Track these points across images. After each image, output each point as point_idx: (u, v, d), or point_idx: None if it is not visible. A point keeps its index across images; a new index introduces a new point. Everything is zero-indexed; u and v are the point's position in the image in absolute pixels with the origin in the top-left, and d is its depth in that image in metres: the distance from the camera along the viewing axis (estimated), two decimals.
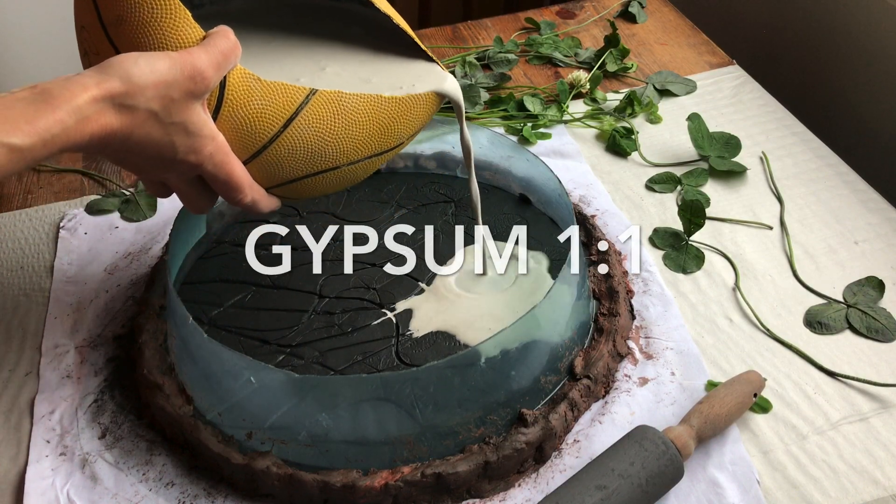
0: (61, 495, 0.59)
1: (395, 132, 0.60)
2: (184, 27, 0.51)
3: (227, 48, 0.51)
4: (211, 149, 0.52)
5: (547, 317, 0.61)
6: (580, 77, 0.95)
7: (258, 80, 0.53)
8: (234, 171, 0.54)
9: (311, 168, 0.58)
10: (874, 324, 0.69)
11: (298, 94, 0.54)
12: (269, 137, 0.54)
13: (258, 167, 0.56)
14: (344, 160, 0.58)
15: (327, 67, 0.61)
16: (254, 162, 0.56)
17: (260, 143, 0.55)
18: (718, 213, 0.80)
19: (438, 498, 0.58)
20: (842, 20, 1.04)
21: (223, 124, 0.53)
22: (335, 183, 0.60)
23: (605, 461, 0.56)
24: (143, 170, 0.54)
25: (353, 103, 0.56)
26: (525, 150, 0.76)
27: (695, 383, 0.65)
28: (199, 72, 0.49)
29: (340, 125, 0.56)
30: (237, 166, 0.54)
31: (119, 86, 0.47)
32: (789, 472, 0.59)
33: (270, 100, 0.54)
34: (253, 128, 0.54)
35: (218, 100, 0.52)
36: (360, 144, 0.58)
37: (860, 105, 1.04)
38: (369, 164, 0.61)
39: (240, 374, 0.59)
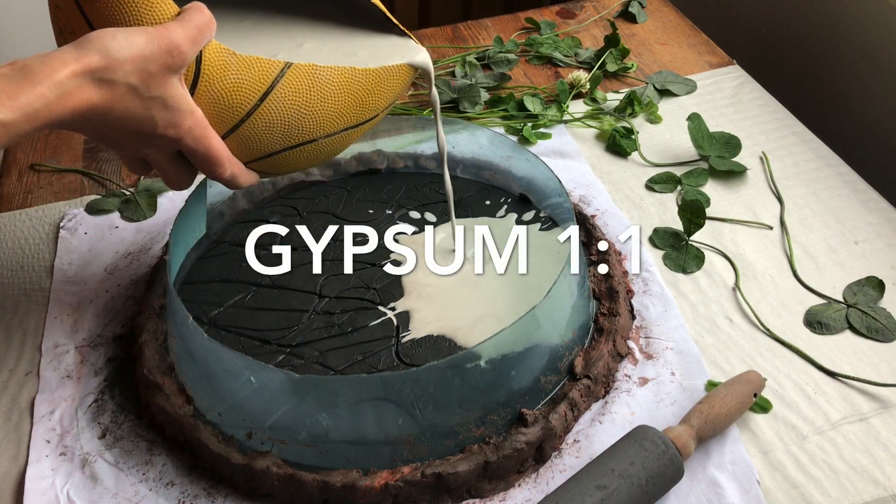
0: (61, 495, 0.59)
1: (370, 104, 0.61)
2: (158, 3, 0.51)
3: (203, 23, 0.52)
4: (190, 123, 0.53)
5: (547, 317, 0.61)
6: (580, 77, 0.95)
7: (234, 55, 0.54)
8: (213, 146, 0.55)
9: (289, 141, 0.58)
10: (874, 324, 0.69)
11: (274, 67, 0.55)
12: (246, 111, 0.55)
13: (236, 141, 0.57)
14: (320, 133, 0.59)
15: (305, 44, 0.62)
16: (231, 136, 0.56)
17: (237, 116, 0.55)
18: (718, 213, 0.80)
19: (438, 498, 0.58)
20: (842, 20, 1.04)
21: (200, 99, 0.54)
22: (313, 157, 0.61)
23: (605, 461, 0.56)
24: (124, 145, 0.54)
25: (328, 76, 0.57)
26: (525, 150, 0.76)
27: (695, 383, 0.65)
28: (176, 46, 0.50)
29: (316, 98, 0.57)
30: (216, 140, 0.55)
31: (98, 60, 0.47)
32: (789, 472, 0.59)
33: (246, 74, 0.54)
34: (230, 102, 0.55)
35: (195, 74, 0.53)
36: (335, 117, 0.59)
37: (860, 105, 1.04)
38: (345, 137, 0.62)
39: (240, 374, 0.59)
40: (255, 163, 0.60)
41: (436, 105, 0.70)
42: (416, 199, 0.80)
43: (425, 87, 0.98)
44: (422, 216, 0.78)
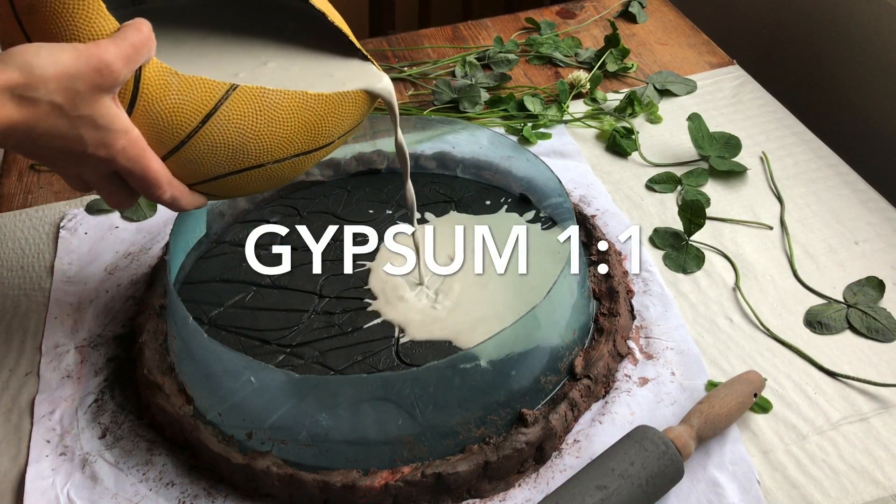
0: (61, 495, 0.59)
1: (324, 131, 0.58)
2: (97, 18, 0.50)
3: (139, 41, 0.50)
4: (123, 143, 0.51)
5: (547, 317, 0.61)
6: (580, 77, 0.95)
7: (175, 75, 0.52)
8: (150, 167, 0.53)
9: (234, 165, 0.56)
10: (874, 324, 0.69)
11: (218, 89, 0.53)
12: (188, 133, 0.54)
13: (178, 163, 0.55)
14: (268, 158, 0.57)
15: (269, 62, 0.60)
16: (173, 158, 0.54)
17: (178, 138, 0.54)
18: (718, 213, 0.80)
19: (438, 498, 0.58)
20: (842, 20, 1.04)
21: (139, 119, 0.52)
22: (262, 182, 0.59)
23: (605, 461, 0.56)
24: (55, 163, 0.53)
25: (277, 100, 0.55)
26: (525, 150, 0.76)
27: (695, 383, 0.65)
28: (107, 64, 0.48)
29: (263, 122, 0.55)
30: (154, 162, 0.53)
31: (18, 77, 0.46)
32: (789, 472, 0.59)
33: (188, 94, 0.52)
34: (170, 123, 0.53)
35: (132, 93, 0.51)
36: (284, 142, 0.57)
37: (861, 105, 1.04)
38: (297, 163, 0.59)
39: (240, 374, 0.59)
40: (202, 185, 0.57)
41: (401, 152, 0.66)
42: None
43: (425, 87, 0.98)
44: (422, 216, 0.78)
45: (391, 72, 1.01)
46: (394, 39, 1.08)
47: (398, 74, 1.00)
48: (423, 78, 1.00)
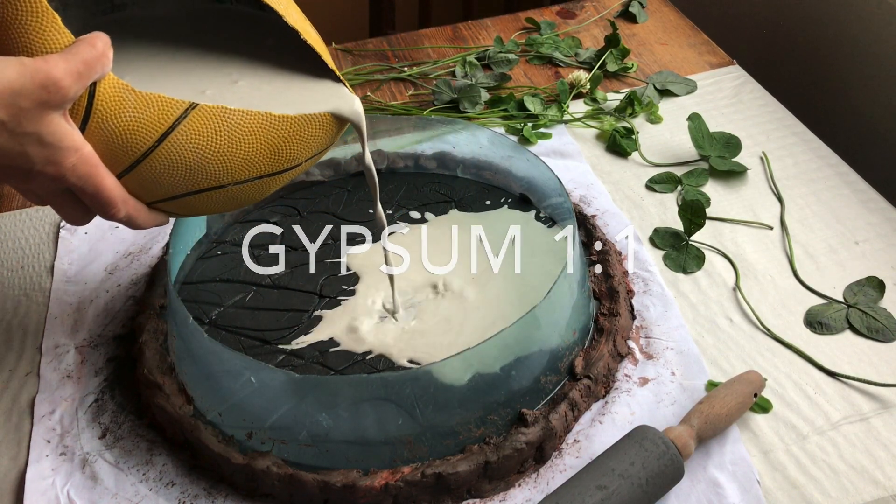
0: (61, 495, 0.59)
1: (288, 153, 0.56)
2: (51, 32, 0.48)
3: (91, 57, 0.48)
4: (73, 160, 0.49)
5: (547, 317, 0.61)
6: (580, 77, 0.95)
7: (132, 91, 0.50)
8: (102, 185, 0.51)
9: (193, 186, 0.54)
10: (874, 324, 0.69)
11: (176, 107, 0.51)
12: (143, 151, 0.52)
13: (134, 181, 0.53)
14: (229, 179, 0.55)
15: (239, 81, 0.58)
16: (128, 176, 0.53)
17: (133, 156, 0.52)
18: (719, 213, 0.80)
19: (439, 498, 0.58)
20: (842, 20, 1.04)
21: (92, 136, 0.50)
22: (225, 202, 0.57)
23: (605, 461, 0.56)
24: (4, 179, 0.52)
25: (238, 121, 0.53)
26: (525, 150, 0.76)
27: (695, 383, 0.65)
28: (54, 81, 0.46)
29: (223, 143, 0.53)
30: (107, 180, 0.52)
31: None
32: (789, 472, 0.59)
33: (144, 112, 0.51)
34: (125, 140, 0.51)
35: (86, 109, 0.50)
36: (246, 164, 0.54)
37: (861, 105, 1.04)
38: (261, 185, 0.57)
39: (240, 374, 0.59)
40: (162, 203, 0.56)
41: (370, 175, 0.64)
42: (416, 199, 0.80)
43: (425, 87, 0.98)
44: (422, 216, 0.78)
45: (391, 72, 1.01)
46: (394, 39, 1.08)
47: (398, 74, 1.00)
48: (424, 78, 1.00)
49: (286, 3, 0.58)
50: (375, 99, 0.96)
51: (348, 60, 1.04)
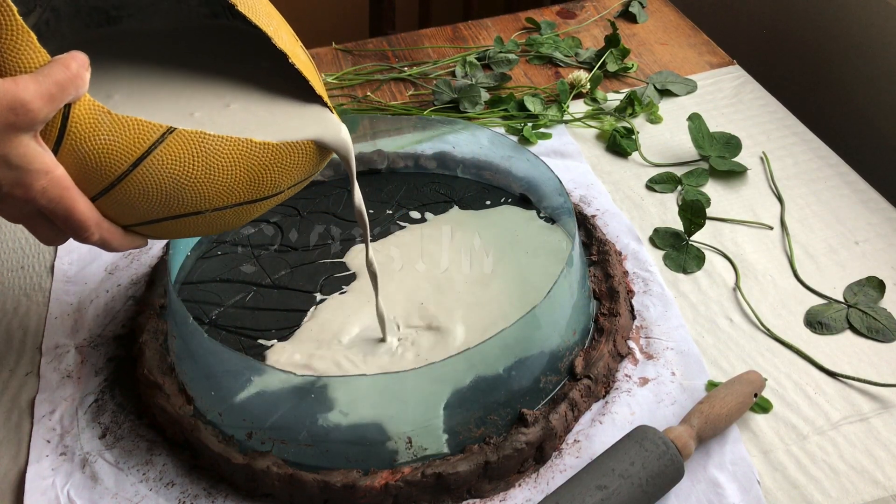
0: (62, 495, 0.59)
1: (269, 181, 0.54)
2: (24, 50, 0.46)
3: (64, 78, 0.46)
4: (43, 183, 0.48)
5: (547, 317, 0.61)
6: (580, 77, 0.95)
7: (108, 114, 0.49)
8: (74, 208, 0.50)
9: (170, 211, 0.53)
10: (874, 324, 0.69)
11: (153, 131, 0.50)
12: (118, 175, 0.50)
13: (109, 205, 0.52)
14: (207, 206, 0.53)
15: (232, 104, 0.56)
16: (103, 199, 0.52)
17: (107, 180, 0.50)
18: (719, 213, 0.80)
19: (439, 498, 0.58)
20: (842, 20, 1.04)
21: (66, 158, 0.49)
22: (203, 228, 0.55)
23: (605, 461, 0.56)
24: None
25: (217, 147, 0.51)
26: (525, 150, 0.76)
27: (695, 383, 0.65)
28: (23, 103, 0.45)
29: (200, 169, 0.51)
30: (80, 203, 0.50)
31: None
32: (790, 472, 0.59)
33: (119, 135, 0.49)
34: (99, 164, 0.50)
35: (59, 131, 0.48)
36: (224, 191, 0.53)
37: (861, 105, 1.04)
38: (241, 212, 0.55)
39: (240, 374, 0.59)
40: (137, 227, 0.54)
41: (360, 216, 0.62)
42: (416, 199, 0.80)
43: (426, 87, 0.98)
44: (422, 216, 0.78)
45: (391, 72, 1.01)
46: (394, 39, 1.08)
47: (398, 74, 1.00)
48: (424, 78, 1.00)
49: (277, 24, 0.56)
50: (375, 99, 0.96)
51: (348, 60, 1.04)
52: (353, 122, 0.82)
